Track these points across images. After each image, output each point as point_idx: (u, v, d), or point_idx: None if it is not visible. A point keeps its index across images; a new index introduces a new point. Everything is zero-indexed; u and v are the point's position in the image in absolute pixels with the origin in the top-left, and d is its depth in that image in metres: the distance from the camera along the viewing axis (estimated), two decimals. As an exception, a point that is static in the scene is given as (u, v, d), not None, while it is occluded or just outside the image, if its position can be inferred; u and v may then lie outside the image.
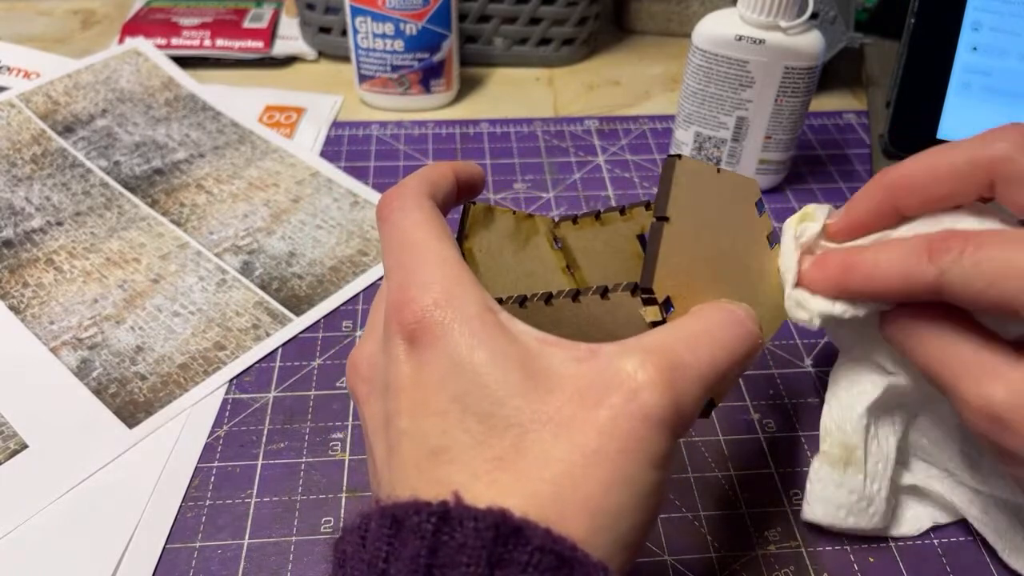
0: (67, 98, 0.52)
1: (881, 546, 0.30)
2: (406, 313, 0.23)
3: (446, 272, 0.23)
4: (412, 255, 0.24)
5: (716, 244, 0.27)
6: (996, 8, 0.45)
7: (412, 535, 0.19)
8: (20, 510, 0.31)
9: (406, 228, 0.25)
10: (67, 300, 0.39)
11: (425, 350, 0.22)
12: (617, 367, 0.22)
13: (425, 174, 0.27)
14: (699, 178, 0.26)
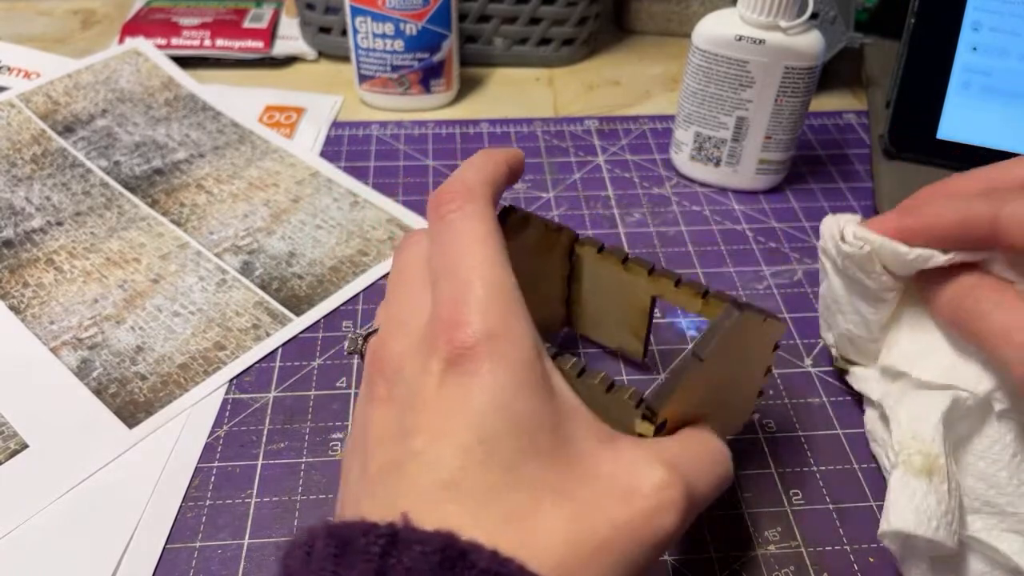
0: (67, 98, 0.52)
1: (881, 546, 0.30)
2: (458, 334, 0.22)
3: (506, 303, 0.23)
4: (471, 272, 0.23)
5: (725, 375, 0.28)
6: (996, 8, 0.45)
7: (359, 557, 0.18)
8: (20, 510, 0.31)
9: (467, 238, 0.24)
10: (67, 300, 0.39)
11: (468, 378, 0.21)
12: (645, 474, 0.22)
13: (487, 170, 0.26)
14: (744, 327, 0.27)
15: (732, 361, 0.28)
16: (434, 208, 0.25)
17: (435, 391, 0.22)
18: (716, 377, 0.28)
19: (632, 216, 0.46)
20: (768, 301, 0.41)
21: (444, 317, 0.22)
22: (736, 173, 0.48)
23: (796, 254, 0.44)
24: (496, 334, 0.22)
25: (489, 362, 0.21)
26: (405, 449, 0.22)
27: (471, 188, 0.25)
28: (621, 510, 0.21)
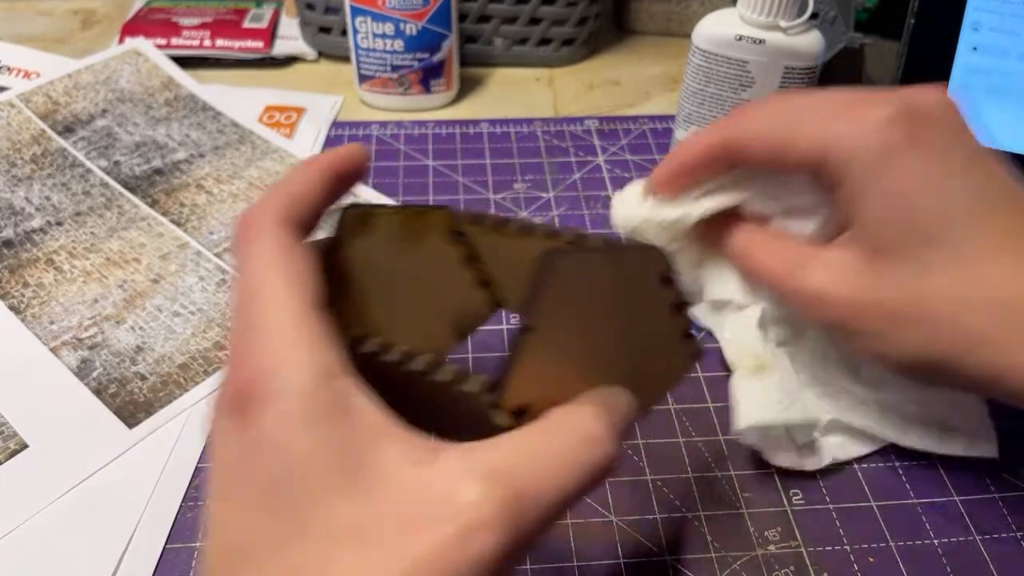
0: (67, 98, 0.52)
1: (881, 546, 0.30)
2: (232, 379, 0.20)
3: (284, 330, 0.20)
4: (253, 304, 0.21)
5: (601, 332, 0.24)
6: (996, 8, 0.45)
7: None
8: (20, 510, 0.31)
9: (253, 269, 0.22)
10: (67, 300, 0.39)
11: (246, 428, 0.19)
12: (456, 490, 0.19)
13: (284, 189, 0.24)
14: (584, 269, 0.23)
15: (605, 310, 0.24)
16: (235, 235, 0.23)
17: (221, 450, 0.20)
18: (581, 339, 0.24)
19: (632, 216, 0.46)
20: (768, 301, 0.41)
21: (231, 362, 0.21)
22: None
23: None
24: (268, 371, 0.20)
25: (262, 403, 0.20)
26: (209, 518, 0.20)
27: (260, 213, 0.23)
28: (424, 539, 0.18)
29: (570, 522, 0.31)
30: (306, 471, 0.19)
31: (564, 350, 0.23)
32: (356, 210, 0.27)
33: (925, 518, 0.31)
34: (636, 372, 0.25)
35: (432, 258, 0.29)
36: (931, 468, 0.33)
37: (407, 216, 0.28)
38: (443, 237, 0.29)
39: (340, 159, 0.25)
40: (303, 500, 0.19)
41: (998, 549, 0.30)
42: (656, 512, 0.31)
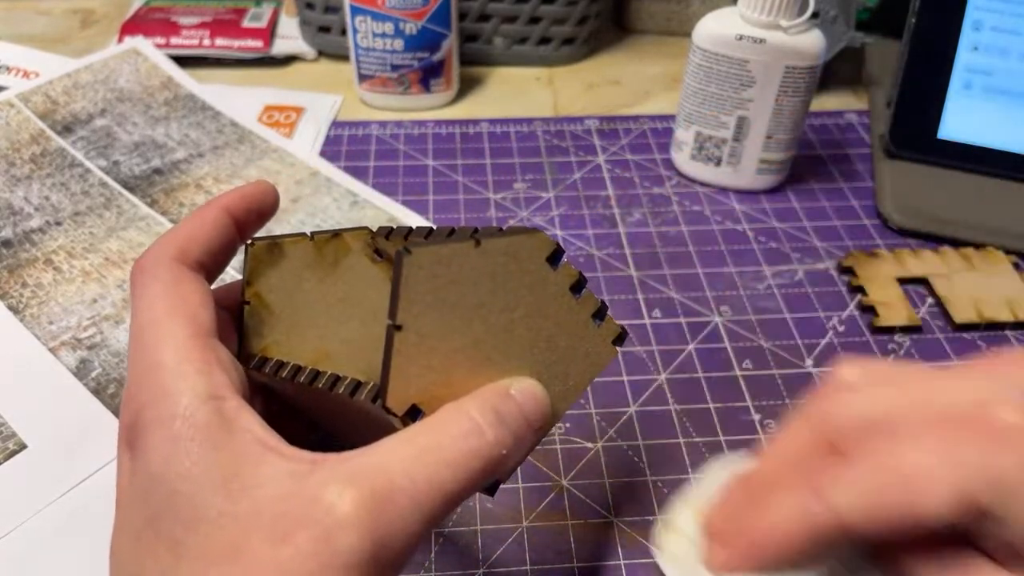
0: (66, 98, 0.52)
1: (882, 547, 0.30)
2: (124, 413, 0.21)
3: (169, 360, 0.21)
4: (141, 340, 0.22)
5: (489, 324, 0.23)
6: (997, 8, 0.45)
7: None
8: (20, 510, 0.31)
9: (141, 308, 0.23)
10: (66, 300, 0.39)
11: (135, 458, 0.20)
12: (316, 496, 0.19)
13: (175, 232, 0.24)
14: (449, 262, 0.22)
15: (485, 304, 0.23)
16: (130, 282, 0.24)
17: (120, 483, 0.21)
18: (464, 333, 0.23)
19: (632, 216, 0.46)
20: (768, 301, 0.41)
21: (121, 408, 0.22)
22: (737, 173, 0.48)
23: (796, 254, 0.44)
24: (149, 402, 0.20)
25: (145, 432, 0.20)
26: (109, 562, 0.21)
27: (149, 255, 0.24)
28: (290, 545, 0.18)
29: (570, 523, 0.31)
30: (187, 494, 0.19)
31: (445, 346, 0.22)
32: (262, 243, 0.27)
33: (926, 519, 0.31)
34: (549, 361, 0.25)
35: (357, 278, 0.29)
36: (932, 469, 0.33)
37: (319, 242, 0.28)
38: (365, 257, 0.29)
39: (236, 199, 0.26)
40: (185, 524, 0.19)
41: (1000, 550, 0.30)
42: (656, 512, 0.31)
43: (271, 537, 0.18)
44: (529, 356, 0.24)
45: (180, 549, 0.19)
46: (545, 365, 0.24)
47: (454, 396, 0.22)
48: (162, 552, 0.19)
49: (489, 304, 0.23)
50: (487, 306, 0.23)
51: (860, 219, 0.47)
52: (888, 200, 0.46)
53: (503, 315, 0.24)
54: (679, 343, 0.38)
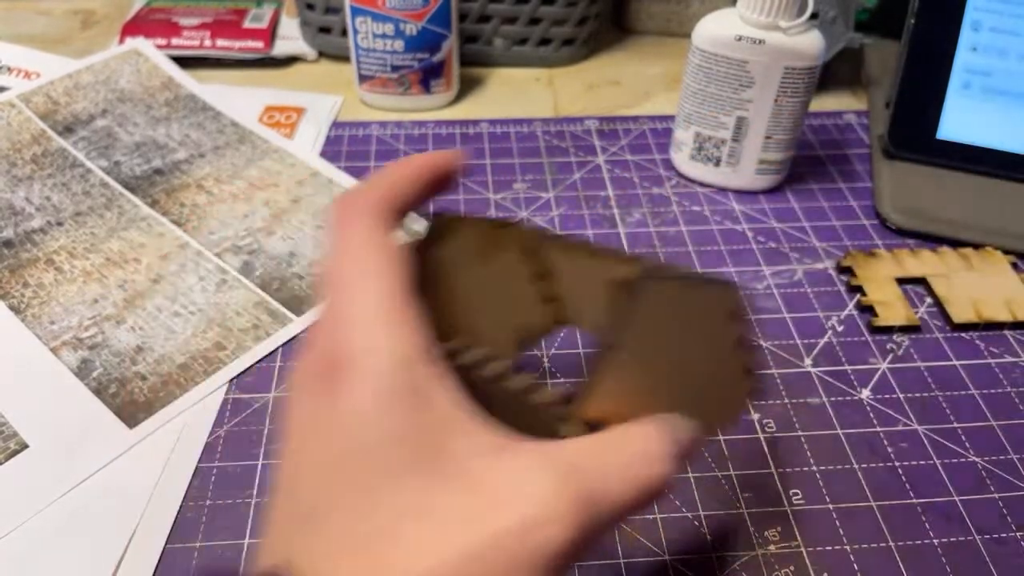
0: (67, 98, 0.52)
1: (881, 546, 0.30)
2: (324, 349, 0.21)
3: (376, 311, 0.21)
4: (348, 283, 0.22)
5: (671, 358, 0.25)
6: (996, 8, 0.45)
7: None
8: (20, 510, 0.31)
9: (350, 250, 0.23)
10: (67, 300, 0.39)
11: (331, 398, 0.20)
12: (530, 482, 0.19)
13: (386, 182, 0.25)
14: (668, 297, 0.24)
15: (676, 339, 0.25)
16: (331, 219, 0.24)
17: (302, 414, 0.21)
18: (658, 361, 0.25)
19: (632, 216, 0.47)
20: (768, 301, 0.41)
21: (320, 336, 0.22)
22: (736, 173, 0.48)
23: (796, 254, 0.44)
24: (358, 347, 0.21)
25: (348, 376, 0.20)
26: (281, 474, 0.21)
27: (360, 203, 0.24)
28: (493, 523, 0.19)
29: (570, 522, 0.31)
30: (382, 447, 0.19)
31: (640, 372, 0.24)
32: (445, 217, 0.29)
33: (925, 518, 0.31)
34: (696, 401, 0.26)
35: (506, 271, 0.31)
36: (931, 468, 0.33)
37: (488, 229, 0.30)
38: (518, 252, 0.31)
39: (438, 162, 0.27)
40: (375, 473, 0.19)
41: (998, 549, 0.30)
42: (656, 512, 0.31)
43: (467, 512, 0.19)
44: (687, 394, 0.26)
45: (369, 496, 0.19)
46: (694, 405, 0.26)
47: (625, 418, 0.24)
48: (348, 492, 0.19)
49: (676, 340, 0.25)
50: (674, 342, 0.25)
51: (859, 219, 0.47)
52: (887, 200, 0.46)
53: (680, 351, 0.25)
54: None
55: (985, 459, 0.34)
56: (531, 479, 0.20)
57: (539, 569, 0.19)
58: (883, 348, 0.39)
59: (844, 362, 0.38)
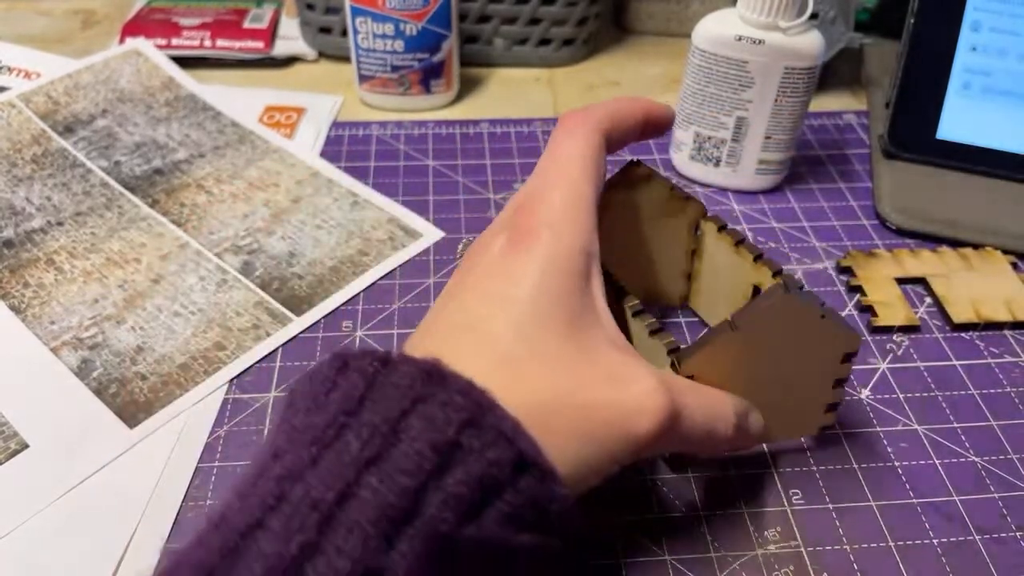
0: (67, 98, 0.52)
1: (881, 546, 0.30)
2: (521, 216, 0.26)
3: (572, 204, 0.26)
4: (555, 175, 0.27)
5: (773, 364, 0.29)
6: (995, 8, 0.45)
7: (355, 373, 0.22)
8: (20, 510, 0.31)
9: (566, 151, 0.28)
10: (67, 300, 0.39)
11: (518, 254, 0.25)
12: (637, 376, 0.24)
13: (614, 111, 0.30)
14: (795, 312, 0.28)
15: (783, 351, 0.29)
16: (558, 124, 0.30)
17: (490, 259, 0.26)
18: (758, 360, 0.28)
19: (632, 216, 0.46)
20: (768, 301, 0.41)
21: (520, 205, 0.27)
22: (736, 173, 0.48)
23: (796, 254, 0.44)
24: (553, 226, 0.26)
25: (540, 245, 0.25)
26: (450, 297, 0.26)
27: (588, 117, 0.29)
28: (602, 391, 0.24)
29: (570, 522, 0.31)
30: (545, 303, 0.24)
31: (742, 357, 0.28)
32: (642, 167, 0.33)
33: (925, 518, 0.31)
34: (775, 409, 0.30)
35: (670, 235, 0.36)
36: (931, 468, 0.33)
37: (672, 194, 0.34)
38: (687, 225, 0.35)
39: (656, 108, 0.32)
40: (532, 319, 0.24)
41: (998, 549, 0.30)
42: (656, 512, 0.31)
43: (594, 376, 0.24)
44: (771, 399, 0.30)
45: (523, 332, 0.24)
46: (771, 410, 0.30)
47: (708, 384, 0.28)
48: (508, 324, 0.24)
49: (784, 349, 0.29)
50: (781, 350, 0.29)
51: (859, 219, 0.47)
52: (887, 200, 0.46)
53: (785, 366, 0.29)
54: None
55: (985, 459, 0.34)
56: (640, 375, 0.24)
57: (620, 450, 0.24)
58: (883, 348, 0.39)
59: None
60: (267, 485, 0.20)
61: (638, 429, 0.23)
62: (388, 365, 0.22)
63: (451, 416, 0.21)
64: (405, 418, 0.21)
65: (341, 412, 0.21)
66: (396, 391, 0.21)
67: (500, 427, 0.21)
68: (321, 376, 0.23)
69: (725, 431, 0.27)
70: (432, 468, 0.20)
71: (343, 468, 0.20)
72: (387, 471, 0.20)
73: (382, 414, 0.21)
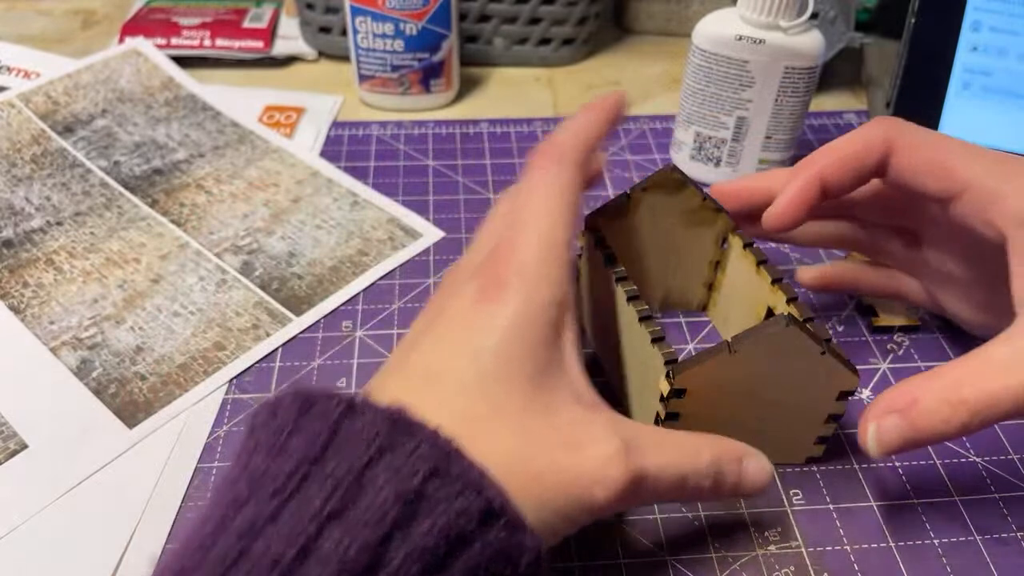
0: (67, 98, 0.52)
1: (881, 546, 0.30)
2: (493, 265, 0.26)
3: (545, 254, 0.26)
4: (529, 220, 0.27)
5: (768, 391, 0.29)
6: (996, 8, 0.45)
7: (319, 419, 0.21)
8: (20, 510, 0.31)
9: (538, 194, 0.27)
10: (67, 300, 0.39)
11: (489, 303, 0.25)
12: (597, 439, 0.24)
13: (584, 137, 0.29)
14: (796, 344, 0.28)
15: (779, 380, 0.29)
16: (528, 162, 0.29)
17: (460, 306, 0.25)
18: (753, 385, 0.28)
19: (632, 216, 0.46)
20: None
21: (494, 253, 0.26)
22: (736, 173, 0.48)
23: (796, 254, 0.44)
24: (525, 277, 0.25)
25: (511, 297, 0.25)
26: (416, 344, 0.26)
27: (560, 154, 0.28)
28: (559, 457, 0.23)
29: (570, 522, 0.31)
30: (511, 357, 0.24)
31: (737, 380, 0.28)
32: (676, 173, 0.34)
33: (925, 518, 0.31)
34: (763, 434, 0.30)
35: (697, 243, 0.36)
36: (931, 468, 0.33)
37: (704, 202, 0.35)
38: (715, 236, 0.36)
39: (611, 106, 0.31)
40: (497, 374, 0.24)
41: (998, 549, 0.30)
42: (656, 512, 0.31)
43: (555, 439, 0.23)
44: (760, 423, 0.30)
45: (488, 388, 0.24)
46: (759, 434, 0.30)
47: (708, 402, 0.29)
48: (472, 377, 0.24)
49: (784, 383, 0.29)
50: (781, 382, 0.29)
51: (859, 219, 0.47)
52: (887, 200, 0.46)
53: (781, 393, 0.29)
54: (679, 343, 0.39)
55: (985, 459, 0.34)
56: (600, 439, 0.24)
57: (581, 515, 0.23)
58: (883, 348, 0.39)
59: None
60: (228, 540, 0.20)
61: (594, 498, 0.23)
62: (352, 410, 0.22)
63: (417, 466, 0.20)
64: (370, 468, 0.20)
65: (304, 460, 0.21)
66: (361, 439, 0.21)
67: (467, 476, 0.21)
68: (283, 413, 0.22)
69: (699, 484, 0.26)
70: (396, 519, 0.20)
71: (305, 523, 0.19)
72: (350, 524, 0.20)
73: (346, 464, 0.20)
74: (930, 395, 0.27)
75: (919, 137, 0.31)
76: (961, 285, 0.34)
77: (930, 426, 0.26)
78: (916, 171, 0.30)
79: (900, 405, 0.27)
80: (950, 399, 0.26)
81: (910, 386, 0.27)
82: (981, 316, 0.34)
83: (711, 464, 0.26)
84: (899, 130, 0.31)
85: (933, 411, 0.26)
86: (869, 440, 0.28)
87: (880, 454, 0.28)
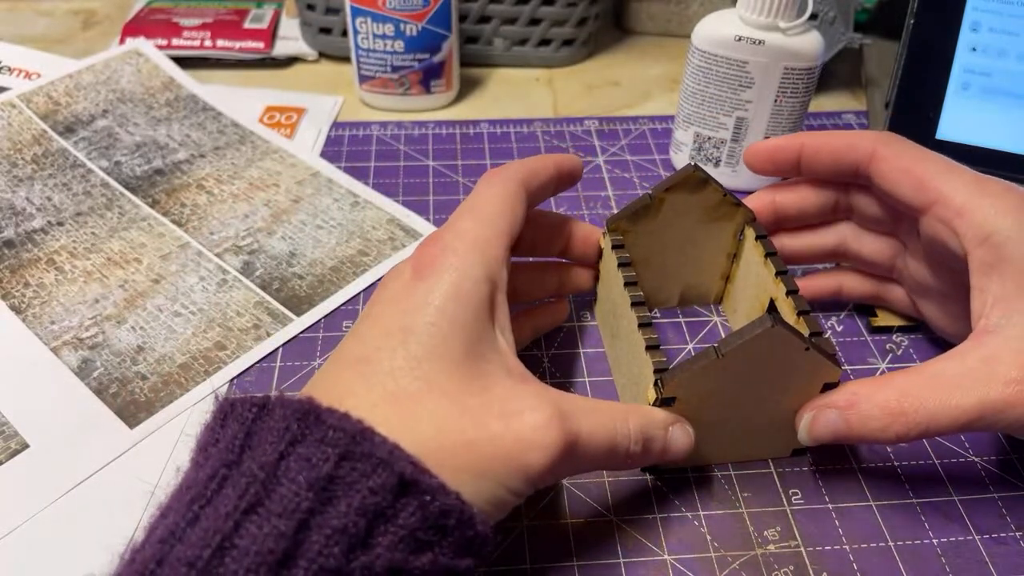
0: (68, 98, 0.52)
1: (881, 546, 0.30)
2: (427, 245, 0.27)
3: (480, 234, 0.27)
4: (470, 211, 0.29)
5: (756, 391, 0.29)
6: (995, 8, 0.45)
7: (235, 423, 0.22)
8: (20, 510, 0.31)
9: (482, 194, 0.30)
10: (68, 300, 0.39)
11: (418, 281, 0.26)
12: (531, 407, 0.24)
13: (529, 163, 0.32)
14: (782, 345, 0.28)
15: (766, 378, 0.29)
16: (479, 180, 0.31)
17: (395, 288, 0.27)
18: (741, 385, 0.29)
19: (632, 216, 0.46)
20: (768, 301, 0.41)
21: (431, 236, 0.28)
22: (736, 173, 0.48)
23: (796, 254, 0.44)
24: (458, 253, 0.26)
25: (443, 272, 0.26)
26: (355, 331, 0.26)
27: (506, 171, 0.31)
28: (494, 426, 0.24)
29: (570, 521, 0.31)
30: (441, 332, 0.25)
31: (725, 382, 0.29)
32: (698, 172, 0.34)
33: (925, 518, 0.31)
34: (747, 431, 0.31)
35: (717, 238, 0.37)
36: (931, 468, 0.33)
37: (724, 199, 0.35)
38: (734, 230, 0.37)
39: (566, 161, 0.34)
40: (428, 350, 0.24)
41: (998, 549, 0.30)
42: (656, 512, 0.31)
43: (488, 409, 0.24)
44: (744, 423, 0.31)
45: (419, 364, 0.24)
46: (742, 432, 0.31)
47: (699, 406, 0.29)
48: (402, 355, 0.24)
49: (769, 380, 0.29)
50: (766, 380, 0.29)
51: (859, 219, 0.47)
52: (887, 201, 0.46)
53: (764, 391, 0.30)
54: (679, 343, 0.39)
55: (985, 459, 0.34)
56: (534, 407, 0.24)
57: (517, 483, 0.24)
58: (882, 348, 0.39)
59: (843, 362, 0.38)
60: (150, 550, 0.20)
61: (531, 463, 0.24)
62: (265, 410, 0.22)
63: (327, 452, 0.21)
64: (283, 460, 0.21)
65: (223, 465, 0.21)
66: (272, 435, 0.21)
67: (376, 454, 0.21)
68: (208, 427, 0.23)
69: (628, 447, 0.27)
70: (311, 506, 0.20)
71: (221, 522, 0.20)
72: (264, 517, 0.20)
73: (259, 461, 0.21)
74: (870, 402, 0.28)
75: (903, 148, 0.32)
76: (938, 295, 0.35)
77: (866, 430, 0.28)
78: (893, 179, 0.32)
79: (841, 404, 0.28)
80: (891, 409, 0.27)
81: (857, 386, 0.29)
82: (956, 326, 0.35)
83: (639, 429, 0.27)
84: (887, 141, 0.33)
85: (871, 417, 0.28)
86: (801, 427, 0.30)
87: (808, 442, 0.30)
